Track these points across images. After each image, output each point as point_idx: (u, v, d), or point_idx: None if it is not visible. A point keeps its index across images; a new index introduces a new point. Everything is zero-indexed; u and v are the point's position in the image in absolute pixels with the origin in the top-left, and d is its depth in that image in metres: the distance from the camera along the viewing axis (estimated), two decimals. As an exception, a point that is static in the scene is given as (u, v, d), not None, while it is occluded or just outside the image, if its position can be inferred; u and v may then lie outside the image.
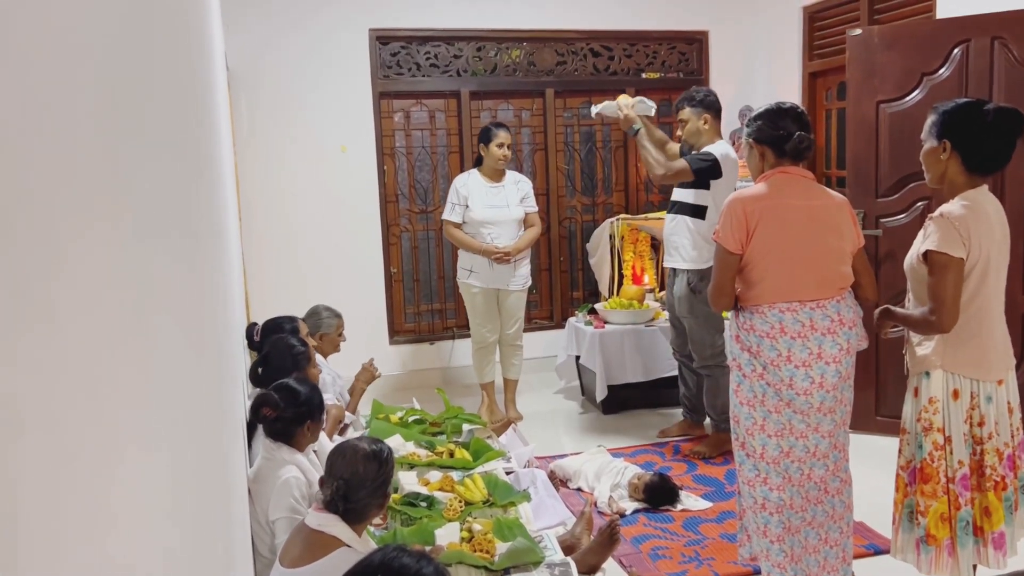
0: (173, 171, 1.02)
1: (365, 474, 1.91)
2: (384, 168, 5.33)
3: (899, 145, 4.01)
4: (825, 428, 2.46)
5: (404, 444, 3.25)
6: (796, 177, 2.48)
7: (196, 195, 1.35)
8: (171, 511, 0.79)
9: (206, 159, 1.72)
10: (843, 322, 2.42)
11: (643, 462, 3.90)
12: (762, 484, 2.49)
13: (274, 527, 2.23)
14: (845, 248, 2.46)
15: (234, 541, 1.57)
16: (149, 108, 0.85)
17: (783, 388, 2.41)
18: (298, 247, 5.11)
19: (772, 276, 2.41)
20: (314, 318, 3.75)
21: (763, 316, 2.42)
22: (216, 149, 2.32)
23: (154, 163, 0.86)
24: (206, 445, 1.14)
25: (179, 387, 0.90)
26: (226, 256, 2.42)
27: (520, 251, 4.49)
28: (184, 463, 0.89)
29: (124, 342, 0.64)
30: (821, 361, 2.39)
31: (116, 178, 0.65)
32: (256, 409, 2.36)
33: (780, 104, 2.56)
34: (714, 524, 3.30)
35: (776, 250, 2.41)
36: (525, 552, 2.32)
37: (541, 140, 5.67)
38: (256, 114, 4.99)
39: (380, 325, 5.36)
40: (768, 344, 2.41)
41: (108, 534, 0.56)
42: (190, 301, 1.04)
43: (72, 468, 0.50)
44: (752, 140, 2.53)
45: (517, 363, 4.71)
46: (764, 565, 2.57)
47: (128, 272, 0.68)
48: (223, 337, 1.85)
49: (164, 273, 0.86)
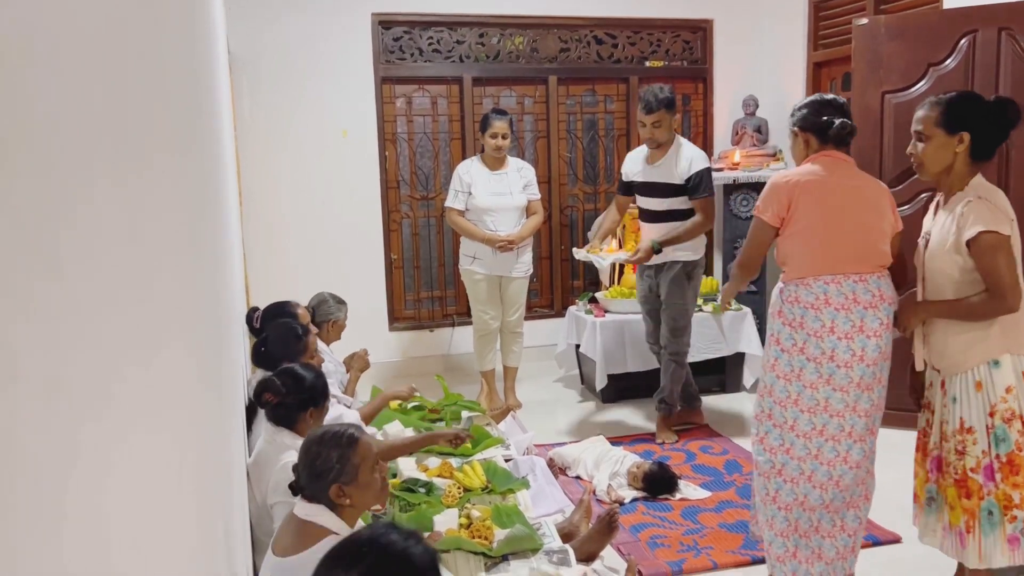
0: (174, 158, 1.01)
1: (307, 459, 1.85)
2: (385, 154, 5.31)
3: (904, 136, 3.96)
4: (863, 407, 2.49)
5: (403, 430, 3.25)
6: (838, 160, 2.57)
7: (197, 180, 1.34)
8: (172, 491, 0.78)
9: (209, 146, 1.71)
10: (883, 297, 2.48)
11: (642, 451, 3.90)
12: (784, 452, 2.54)
13: (273, 511, 2.22)
14: (884, 228, 2.53)
15: (233, 523, 1.56)
16: (153, 94, 0.84)
17: (824, 361, 2.47)
18: (298, 233, 5.10)
19: (815, 249, 2.50)
20: (323, 306, 3.74)
21: (808, 288, 2.50)
22: (218, 134, 2.30)
23: (160, 154, 0.85)
24: (206, 427, 1.13)
25: (179, 371, 0.90)
26: (226, 239, 2.41)
27: (523, 239, 4.47)
28: (184, 445, 0.88)
29: (123, 323, 0.63)
30: (862, 334, 2.46)
31: (119, 165, 0.64)
32: (258, 394, 2.36)
33: (823, 96, 2.69)
34: (713, 513, 3.30)
35: (818, 224, 2.49)
36: (523, 539, 2.32)
37: (544, 128, 5.64)
38: (257, 98, 4.96)
39: (380, 312, 5.35)
40: (812, 315, 2.48)
41: (107, 514, 0.56)
42: (189, 285, 1.04)
43: (74, 441, 0.49)
44: (797, 128, 2.62)
45: (517, 350, 4.71)
46: (767, 535, 2.62)
47: (128, 257, 0.67)
48: (223, 321, 1.84)
49: (163, 257, 0.85)
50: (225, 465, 1.42)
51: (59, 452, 0.45)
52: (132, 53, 0.70)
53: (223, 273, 2.09)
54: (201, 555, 0.96)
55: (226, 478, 1.43)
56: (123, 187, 0.62)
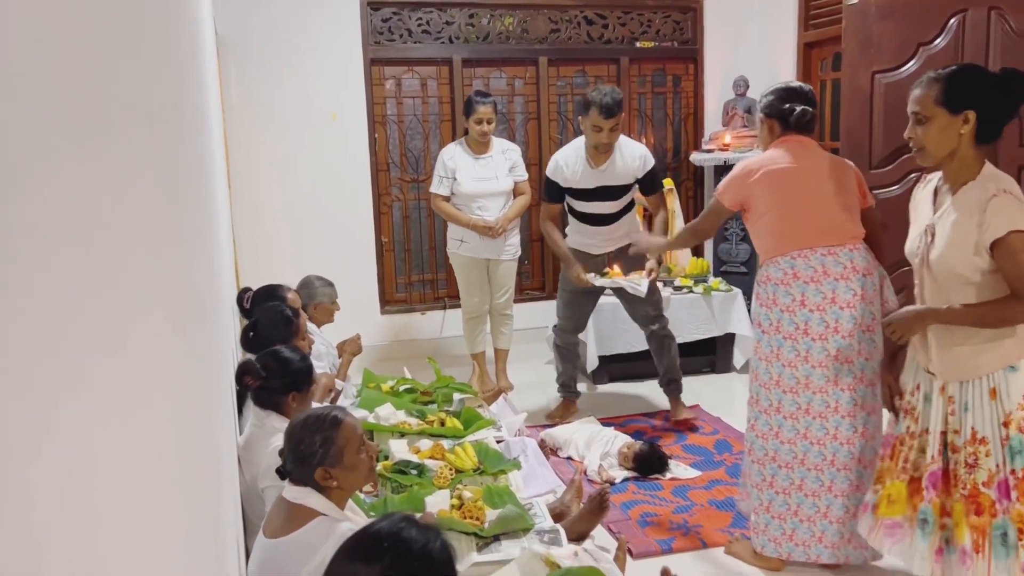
0: (156, 135, 1.00)
1: (290, 442, 1.85)
2: (375, 136, 5.28)
3: (893, 116, 3.98)
4: (845, 381, 2.52)
5: (395, 412, 3.25)
6: (800, 143, 2.65)
7: (182, 160, 1.33)
8: (152, 475, 0.78)
9: (193, 125, 1.70)
10: (856, 269, 2.52)
11: (633, 432, 3.92)
12: (774, 438, 2.60)
13: (264, 495, 2.23)
14: (850, 202, 2.59)
15: (222, 507, 1.57)
16: (131, 74, 0.83)
17: (799, 336, 2.52)
18: (288, 216, 5.08)
19: (780, 227, 2.56)
20: (307, 288, 3.74)
21: (777, 265, 2.57)
22: (203, 109, 2.29)
23: (136, 128, 0.84)
24: (191, 409, 1.13)
25: (161, 352, 0.89)
26: (213, 222, 2.40)
27: (511, 220, 4.45)
28: (166, 427, 0.88)
29: (101, 304, 0.62)
30: (835, 306, 2.50)
31: (94, 142, 0.64)
32: (239, 377, 2.36)
33: (790, 83, 2.76)
34: (703, 491, 3.33)
35: (779, 207, 2.57)
36: (515, 519, 2.33)
37: (534, 109, 5.62)
38: (245, 80, 4.92)
39: (371, 295, 5.34)
40: (783, 290, 2.54)
41: (81, 501, 0.56)
42: (169, 265, 1.03)
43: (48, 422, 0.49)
44: (763, 114, 2.71)
45: (507, 333, 4.71)
46: (763, 518, 2.64)
47: (107, 236, 0.66)
48: (210, 302, 1.83)
49: (144, 237, 0.84)
50: (212, 448, 1.42)
51: (24, 438, 0.45)
52: (100, 22, 0.70)
53: (210, 254, 2.08)
54: (186, 540, 0.96)
55: (214, 462, 1.43)
56: (91, 161, 0.61)
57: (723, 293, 4.77)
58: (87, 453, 0.55)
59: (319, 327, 3.72)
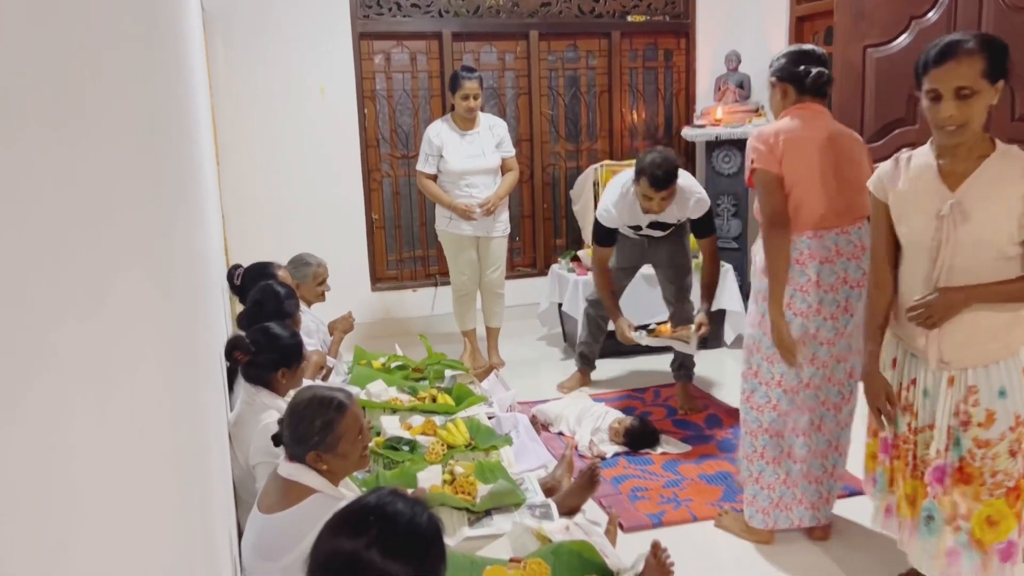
0: (135, 110, 0.98)
1: (293, 420, 1.84)
2: (364, 112, 5.23)
3: (885, 90, 3.98)
4: (846, 356, 2.56)
5: (387, 389, 3.25)
6: (815, 112, 2.55)
7: (161, 135, 1.31)
8: (135, 447, 0.77)
9: (174, 99, 1.68)
10: (864, 247, 2.51)
11: (624, 407, 3.93)
12: (771, 410, 2.60)
13: (255, 471, 2.23)
14: (862, 179, 2.48)
15: (214, 484, 1.56)
16: (107, 46, 0.81)
17: (811, 315, 2.50)
18: (277, 192, 5.04)
19: (798, 207, 2.48)
20: (300, 267, 3.72)
21: (792, 244, 2.50)
22: (187, 90, 2.26)
23: (117, 102, 0.83)
24: (177, 384, 1.12)
25: (145, 326, 0.88)
26: (200, 197, 2.38)
27: (500, 199, 4.42)
28: (151, 403, 0.87)
29: (68, 272, 0.61)
30: (846, 286, 2.50)
31: (53, 101, 0.62)
32: (228, 352, 2.35)
33: (801, 46, 2.65)
34: (693, 465, 3.35)
35: (802, 180, 2.47)
36: (506, 494, 2.34)
37: (525, 84, 5.57)
38: (232, 56, 4.86)
39: (362, 272, 5.32)
40: (797, 270, 2.50)
41: (55, 479, 0.55)
42: (150, 235, 1.02)
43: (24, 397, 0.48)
44: (775, 78, 2.60)
45: (499, 311, 4.70)
46: (752, 489, 2.67)
47: (81, 197, 0.65)
48: (198, 279, 1.82)
49: (127, 214, 0.83)
50: (200, 425, 1.41)
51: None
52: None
53: (195, 223, 2.06)
54: (172, 518, 0.95)
55: (203, 439, 1.43)
56: (59, 128, 0.59)
57: (714, 269, 4.75)
58: (61, 431, 0.54)
59: (309, 306, 3.71)
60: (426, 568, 1.33)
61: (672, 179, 3.51)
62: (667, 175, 3.48)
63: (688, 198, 3.68)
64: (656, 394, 4.19)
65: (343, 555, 1.30)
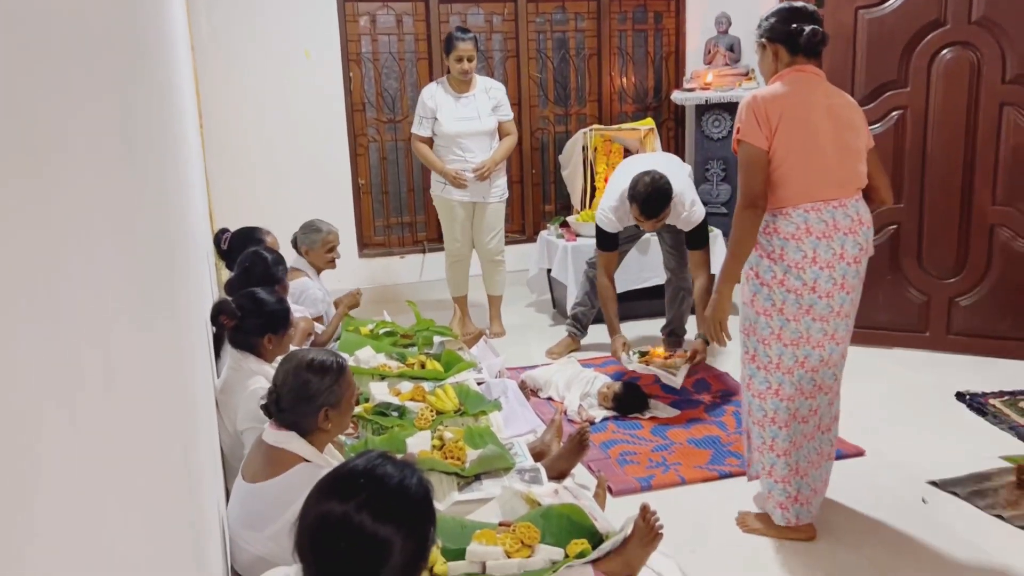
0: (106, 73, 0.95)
1: (294, 383, 1.84)
2: (350, 75, 5.15)
3: (876, 53, 3.94)
4: (840, 335, 2.45)
5: (375, 356, 3.23)
6: (811, 75, 2.41)
7: (135, 99, 1.27)
8: (107, 403, 0.76)
9: (150, 60, 1.63)
10: (861, 221, 2.40)
11: (613, 372, 3.94)
12: (773, 396, 2.47)
13: (242, 437, 2.22)
14: (861, 147, 2.42)
15: (199, 449, 1.55)
16: None
17: (805, 292, 2.37)
18: (262, 157, 4.97)
19: (796, 176, 2.35)
20: (310, 233, 3.67)
21: (788, 217, 2.37)
22: (167, 52, 2.20)
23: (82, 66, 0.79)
24: (158, 349, 1.10)
25: (120, 287, 0.86)
26: (181, 162, 2.33)
27: (496, 164, 4.36)
28: (126, 365, 0.85)
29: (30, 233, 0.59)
30: (843, 261, 2.37)
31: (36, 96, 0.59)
32: (214, 317, 2.32)
33: (792, 3, 2.49)
34: (681, 430, 3.36)
35: (799, 149, 2.34)
36: (496, 459, 2.34)
37: (513, 47, 5.49)
38: (215, 18, 4.76)
39: (349, 238, 5.27)
40: (793, 245, 2.36)
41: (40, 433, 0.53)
42: (124, 195, 0.99)
43: None
44: (765, 39, 2.44)
45: (500, 279, 4.64)
46: (766, 483, 2.56)
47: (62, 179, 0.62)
48: (179, 244, 1.79)
49: (99, 178, 0.80)
50: (183, 391, 1.39)
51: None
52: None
53: (178, 191, 2.02)
54: (155, 486, 0.94)
55: (187, 405, 1.41)
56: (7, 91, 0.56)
57: (703, 234, 4.75)
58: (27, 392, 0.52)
59: (319, 273, 3.68)
60: (416, 530, 1.32)
61: (663, 208, 3.54)
62: (658, 205, 3.53)
63: (680, 212, 3.69)
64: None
65: (333, 518, 1.29)
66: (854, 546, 2.52)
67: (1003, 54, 3.73)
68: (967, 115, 3.83)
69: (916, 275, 4.05)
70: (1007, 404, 3.43)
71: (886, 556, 2.47)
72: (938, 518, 2.66)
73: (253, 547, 1.81)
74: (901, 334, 4.11)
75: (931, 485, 2.84)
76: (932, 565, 2.43)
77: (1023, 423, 3.26)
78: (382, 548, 1.28)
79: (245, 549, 1.83)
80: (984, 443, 3.12)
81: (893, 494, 2.80)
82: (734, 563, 2.48)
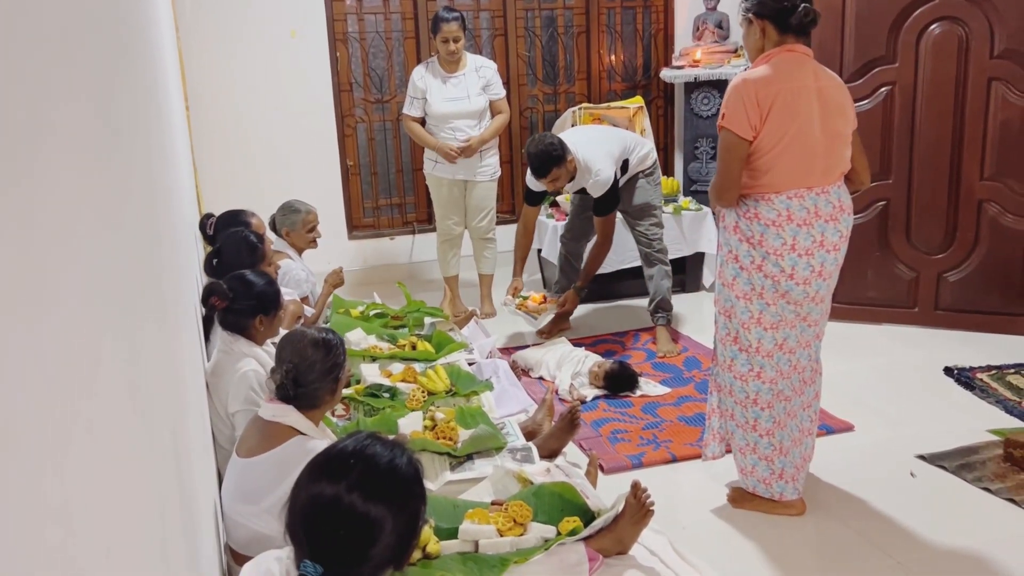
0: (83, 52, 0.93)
1: (313, 358, 1.88)
2: (337, 55, 5.10)
3: (865, 28, 3.93)
4: (813, 317, 2.44)
5: (365, 337, 3.23)
6: (801, 56, 2.34)
7: (120, 83, 1.26)
8: (93, 385, 0.75)
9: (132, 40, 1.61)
10: (843, 208, 2.37)
11: (603, 351, 3.95)
12: (755, 379, 2.47)
13: (233, 420, 2.22)
14: (847, 132, 2.37)
15: (190, 432, 1.55)
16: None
17: (782, 279, 2.35)
18: (250, 139, 4.93)
19: (783, 164, 2.30)
20: (289, 214, 3.65)
21: (770, 203, 2.33)
22: (149, 31, 2.17)
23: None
24: (143, 332, 1.10)
25: (105, 270, 0.85)
26: (165, 144, 2.31)
27: (484, 142, 4.34)
28: (116, 349, 0.85)
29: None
30: (823, 249, 2.34)
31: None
32: (205, 299, 2.32)
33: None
34: (672, 408, 3.38)
35: (788, 136, 2.29)
36: (487, 438, 2.35)
37: (501, 25, 5.45)
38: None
39: (338, 220, 5.25)
40: (773, 232, 2.33)
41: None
42: (116, 192, 0.98)
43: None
44: (752, 15, 2.35)
45: (490, 257, 4.63)
46: (749, 459, 2.55)
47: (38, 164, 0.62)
48: (166, 227, 1.77)
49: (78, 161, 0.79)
50: (172, 374, 1.38)
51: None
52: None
53: (164, 174, 2.00)
54: (142, 470, 0.93)
55: (176, 388, 1.41)
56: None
57: (692, 212, 4.75)
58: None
59: (300, 253, 3.66)
60: (407, 510, 1.33)
61: (548, 169, 3.69)
62: (542, 166, 3.69)
63: (587, 178, 3.82)
64: (635, 338, 4.21)
65: (324, 499, 1.29)
66: (843, 520, 2.55)
67: (991, 28, 3.73)
68: (955, 90, 3.83)
69: (904, 251, 4.06)
70: (995, 378, 3.46)
71: (875, 529, 2.50)
72: (926, 492, 2.69)
73: (250, 522, 1.82)
74: (890, 310, 4.13)
75: (919, 459, 2.87)
76: (921, 538, 2.46)
77: (1011, 397, 3.29)
78: (373, 528, 1.28)
79: (242, 524, 1.84)
80: (972, 417, 3.15)
81: (882, 468, 2.83)
82: (725, 539, 2.50)
